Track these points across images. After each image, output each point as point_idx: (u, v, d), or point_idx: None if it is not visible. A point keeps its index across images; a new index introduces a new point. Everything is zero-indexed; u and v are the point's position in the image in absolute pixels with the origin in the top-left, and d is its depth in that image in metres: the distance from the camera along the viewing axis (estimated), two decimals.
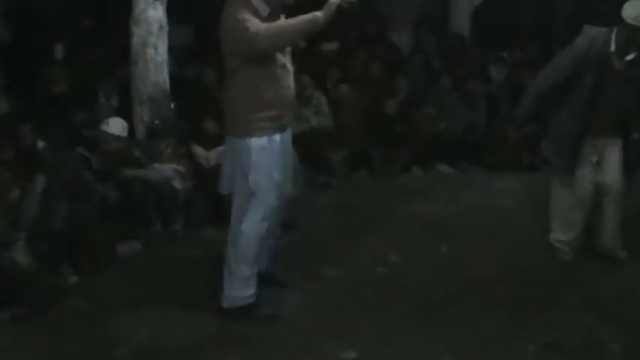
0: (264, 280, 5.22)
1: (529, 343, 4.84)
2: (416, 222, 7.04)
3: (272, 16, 4.74)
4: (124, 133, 6.66)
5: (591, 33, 5.83)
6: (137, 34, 7.14)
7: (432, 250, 6.37)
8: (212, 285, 5.28)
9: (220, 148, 7.07)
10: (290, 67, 4.95)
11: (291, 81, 4.94)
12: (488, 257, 6.18)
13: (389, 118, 8.94)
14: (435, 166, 8.96)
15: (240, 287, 5.02)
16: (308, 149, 7.71)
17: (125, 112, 7.26)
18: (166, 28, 7.26)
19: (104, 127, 6.62)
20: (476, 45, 11.21)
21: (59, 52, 8.84)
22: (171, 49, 7.69)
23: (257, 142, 4.79)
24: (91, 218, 6.10)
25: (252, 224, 4.93)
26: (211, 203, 6.86)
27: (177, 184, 6.80)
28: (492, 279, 5.75)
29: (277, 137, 4.86)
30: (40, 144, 6.72)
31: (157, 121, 7.08)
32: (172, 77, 7.58)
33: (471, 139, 9.18)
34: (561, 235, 6.13)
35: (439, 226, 6.93)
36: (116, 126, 6.62)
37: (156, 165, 6.78)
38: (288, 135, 5.05)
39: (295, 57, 5.12)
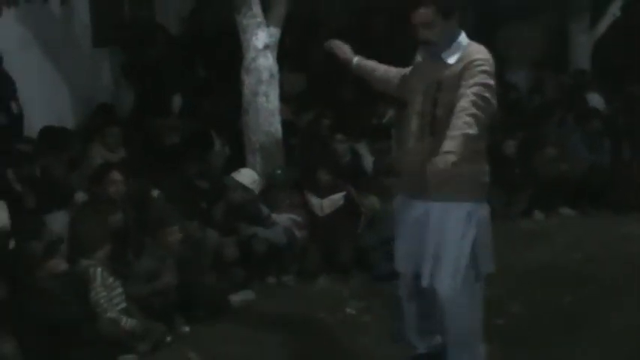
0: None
1: None
2: (537, 269, 6.73)
3: None
4: (253, 186, 6.67)
5: None
6: (248, 82, 7.17)
7: (555, 299, 6.04)
8: (324, 341, 5.14)
9: (335, 197, 7.00)
10: None
11: None
12: (617, 310, 5.80)
13: (508, 159, 8.66)
14: (557, 209, 8.62)
15: None
16: None
17: (237, 161, 7.29)
18: (277, 76, 7.25)
19: (235, 176, 6.64)
20: (598, 80, 10.82)
21: (176, 103, 8.99)
22: (285, 97, 7.71)
23: (482, 208, 4.34)
24: (205, 270, 6.10)
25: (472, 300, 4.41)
26: (325, 253, 6.77)
27: (295, 235, 6.75)
28: (621, 335, 5.38)
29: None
30: (155, 193, 6.79)
31: (279, 171, 7.05)
32: (286, 126, 7.57)
33: (594, 180, 8.79)
34: None
35: (563, 274, 6.61)
36: (247, 177, 6.64)
37: (274, 215, 6.75)
38: None
39: None
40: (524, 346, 5.22)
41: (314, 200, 7.12)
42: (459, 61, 4.15)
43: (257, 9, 7.12)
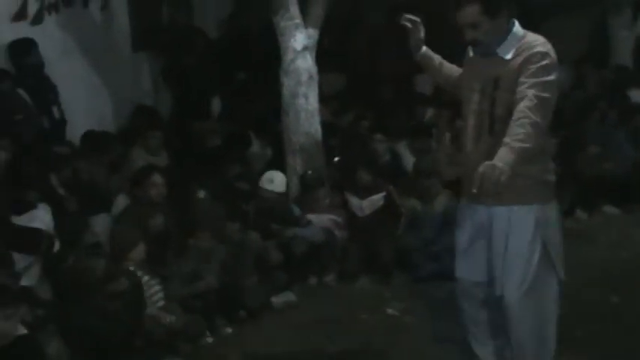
0: None
1: None
2: (582, 269, 6.61)
3: None
4: (282, 189, 6.69)
5: None
6: (287, 84, 7.17)
7: (602, 300, 5.95)
8: (365, 342, 5.12)
9: (375, 198, 6.97)
10: None
11: None
12: None
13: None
14: (601, 208, 8.48)
15: None
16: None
17: (278, 162, 7.29)
18: (316, 78, 7.25)
19: (267, 185, 6.71)
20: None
21: (216, 106, 9.02)
22: (324, 98, 7.70)
23: (550, 209, 4.14)
24: (247, 272, 6.11)
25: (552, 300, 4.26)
26: (366, 254, 6.75)
27: (336, 235, 6.74)
28: None
29: None
30: (202, 194, 6.82)
31: (309, 172, 7.05)
32: (326, 126, 7.56)
33: (639, 178, 8.64)
34: None
35: (609, 274, 6.50)
36: (276, 180, 6.67)
37: (313, 216, 6.74)
38: None
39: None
40: (570, 347, 5.14)
41: (354, 201, 7.10)
42: (516, 54, 3.93)
43: (295, 11, 7.12)
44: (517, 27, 4.00)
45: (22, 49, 7.05)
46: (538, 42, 3.94)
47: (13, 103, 6.86)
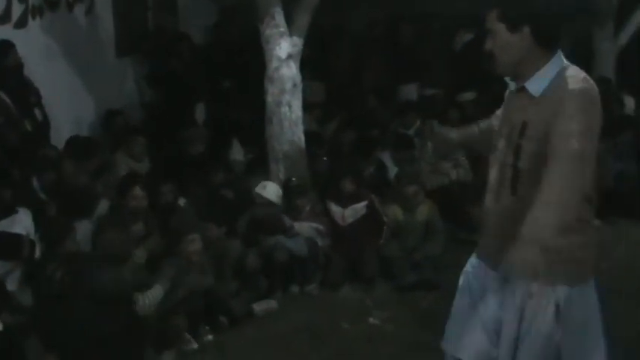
0: None
1: None
2: None
3: None
4: (278, 200, 6.68)
5: None
6: (271, 92, 7.18)
7: None
8: (347, 351, 5.12)
9: (357, 206, 6.98)
10: None
11: None
12: None
13: None
14: None
15: None
16: (448, 204, 7.48)
17: (261, 170, 7.30)
18: (300, 86, 7.26)
19: (260, 191, 6.66)
20: (623, 89, 10.71)
21: (200, 113, 9.01)
22: (307, 106, 7.70)
23: (581, 296, 3.24)
24: (227, 279, 6.11)
25: None
26: (349, 262, 6.75)
27: (318, 243, 6.74)
28: None
29: None
30: (182, 202, 6.81)
31: (294, 179, 7.06)
32: (310, 135, 7.57)
33: (621, 190, 8.69)
34: None
35: None
36: (272, 191, 6.66)
37: (296, 224, 6.74)
38: None
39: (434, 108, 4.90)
40: None
41: (335, 209, 7.10)
42: (548, 93, 3.13)
43: (280, 19, 7.13)
44: (558, 59, 3.20)
45: (3, 50, 6.97)
46: (576, 78, 3.13)
47: None
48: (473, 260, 3.51)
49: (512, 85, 3.30)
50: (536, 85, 3.17)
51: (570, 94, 3.07)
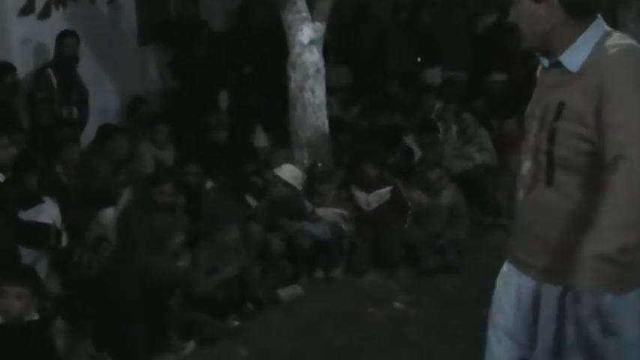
0: None
1: None
2: None
3: None
4: (295, 182, 6.67)
5: None
6: (294, 78, 7.18)
7: None
8: (372, 335, 5.11)
9: (381, 191, 6.96)
10: None
11: None
12: None
13: None
14: None
15: None
16: (472, 188, 7.45)
17: (284, 156, 7.31)
18: (323, 71, 7.25)
19: (277, 172, 6.67)
20: None
21: (223, 100, 9.03)
22: (330, 91, 7.70)
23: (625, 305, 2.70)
24: (251, 264, 6.13)
25: None
26: (373, 247, 6.75)
27: (342, 228, 6.74)
28: None
29: None
30: (209, 184, 6.84)
31: (318, 164, 7.06)
32: (334, 120, 7.56)
33: None
34: None
35: None
36: (289, 172, 6.66)
37: (320, 210, 6.75)
38: None
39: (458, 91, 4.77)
40: None
41: (360, 194, 7.08)
42: (587, 66, 2.66)
43: (302, 4, 7.13)
44: (597, 27, 2.73)
45: (62, 38, 7.34)
46: (621, 45, 2.64)
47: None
48: (504, 269, 2.96)
49: (544, 62, 2.84)
50: (573, 58, 2.69)
51: (617, 66, 2.59)
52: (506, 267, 2.97)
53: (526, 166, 2.86)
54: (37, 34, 7.41)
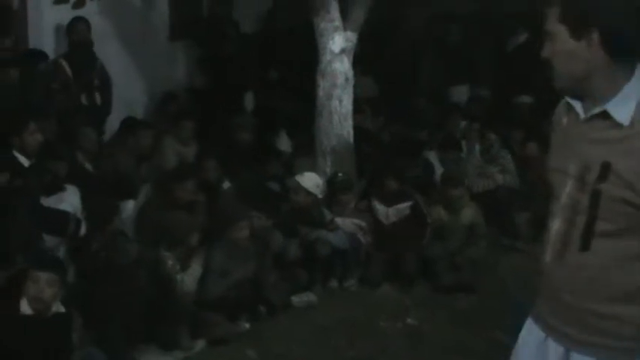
0: None
1: None
2: None
3: None
4: (316, 191, 6.67)
5: None
6: (322, 86, 7.18)
7: None
8: (382, 348, 5.09)
9: (401, 206, 6.95)
10: None
11: None
12: None
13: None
14: None
15: None
16: (492, 208, 7.43)
17: (307, 163, 7.30)
18: (352, 81, 7.25)
19: (298, 179, 6.67)
20: None
21: (249, 101, 9.04)
22: (358, 102, 7.69)
23: None
24: (268, 268, 6.13)
25: None
26: (390, 261, 6.73)
27: (360, 239, 6.73)
28: None
29: None
30: (226, 184, 6.84)
31: (340, 174, 7.05)
32: (358, 131, 7.55)
33: None
34: None
35: None
36: (310, 181, 6.65)
37: (339, 220, 6.74)
38: None
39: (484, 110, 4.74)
40: None
41: (380, 207, 7.06)
42: (637, 120, 2.33)
43: (335, 13, 7.12)
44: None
45: (72, 25, 7.33)
46: None
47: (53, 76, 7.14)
48: (528, 324, 2.68)
49: (578, 108, 2.44)
50: (623, 110, 2.32)
51: None
52: (531, 325, 2.65)
53: (555, 226, 2.51)
54: None
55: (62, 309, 4.42)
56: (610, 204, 2.35)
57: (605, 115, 2.35)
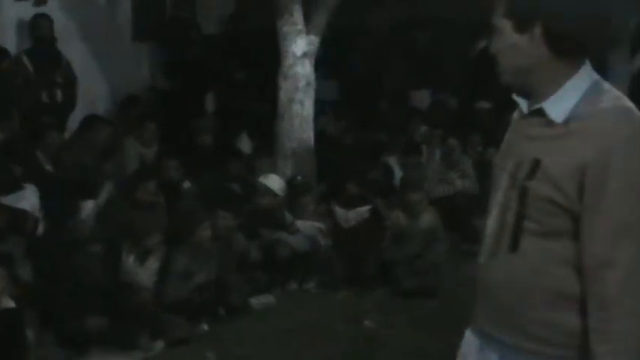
0: None
1: None
2: None
3: None
4: (280, 193, 6.67)
5: None
6: (284, 89, 7.20)
7: None
8: (339, 351, 5.10)
9: (361, 210, 6.98)
10: None
11: None
12: None
13: None
14: None
15: None
16: (452, 214, 7.48)
17: (267, 165, 7.31)
18: (313, 85, 7.27)
19: (263, 180, 6.66)
20: None
21: (210, 103, 9.02)
22: (320, 105, 7.72)
23: None
24: (229, 270, 6.12)
25: None
26: (349, 264, 6.75)
27: (320, 242, 6.75)
28: None
29: None
30: (187, 184, 6.82)
31: (299, 177, 7.07)
32: (319, 134, 7.57)
33: None
34: None
35: None
36: (275, 182, 6.66)
37: (299, 222, 6.76)
38: None
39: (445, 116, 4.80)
40: None
41: (339, 211, 7.10)
42: (574, 120, 2.24)
43: (298, 16, 7.16)
44: (586, 72, 2.30)
45: (35, 21, 7.28)
46: (617, 109, 2.24)
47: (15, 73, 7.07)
48: (467, 336, 2.56)
49: (522, 105, 2.39)
50: (559, 107, 2.26)
51: (605, 125, 2.18)
52: (469, 336, 2.53)
53: (490, 225, 2.38)
54: None
55: (12, 304, 4.37)
56: (537, 202, 2.24)
57: (541, 112, 2.29)
